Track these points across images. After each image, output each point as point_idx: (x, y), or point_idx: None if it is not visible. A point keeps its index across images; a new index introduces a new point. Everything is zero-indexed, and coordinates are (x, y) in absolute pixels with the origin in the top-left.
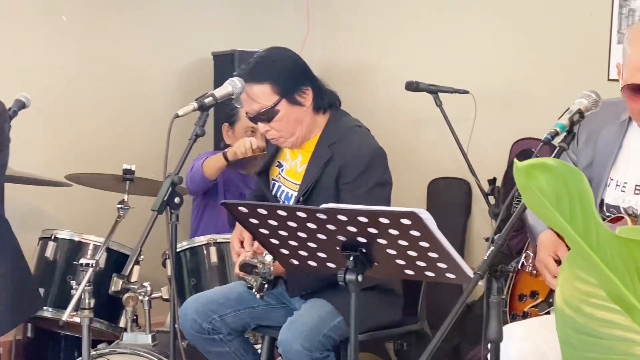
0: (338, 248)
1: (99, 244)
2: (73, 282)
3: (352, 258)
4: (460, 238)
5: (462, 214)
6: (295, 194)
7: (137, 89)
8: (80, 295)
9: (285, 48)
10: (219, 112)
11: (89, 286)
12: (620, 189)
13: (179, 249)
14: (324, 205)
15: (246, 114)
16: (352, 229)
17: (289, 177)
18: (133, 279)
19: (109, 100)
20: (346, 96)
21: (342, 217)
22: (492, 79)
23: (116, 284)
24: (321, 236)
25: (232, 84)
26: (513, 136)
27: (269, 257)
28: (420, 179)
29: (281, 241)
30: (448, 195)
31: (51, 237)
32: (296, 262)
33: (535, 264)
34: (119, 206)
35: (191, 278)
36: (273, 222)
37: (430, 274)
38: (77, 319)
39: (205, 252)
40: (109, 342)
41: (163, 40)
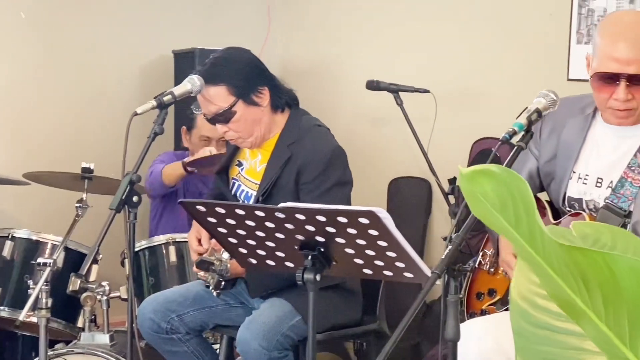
0: (296, 247)
1: (57, 243)
2: (30, 282)
3: (310, 257)
4: (420, 237)
5: (422, 213)
6: (255, 193)
7: (97, 86)
8: (38, 294)
9: (241, 48)
10: (180, 110)
11: (46, 286)
12: (582, 181)
13: (137, 248)
14: (282, 204)
15: (204, 115)
16: (311, 228)
17: (249, 176)
18: (91, 278)
19: (68, 98)
20: (307, 95)
21: (301, 216)
22: (453, 78)
23: (74, 284)
24: (279, 235)
25: (191, 82)
26: (473, 135)
27: (226, 255)
28: (381, 178)
29: (239, 240)
30: (408, 195)
31: (8, 236)
32: (254, 262)
33: (500, 264)
34: (78, 205)
35: (150, 277)
36: (231, 221)
37: (388, 273)
38: (34, 319)
39: (164, 251)
40: (67, 342)
41: (123, 37)
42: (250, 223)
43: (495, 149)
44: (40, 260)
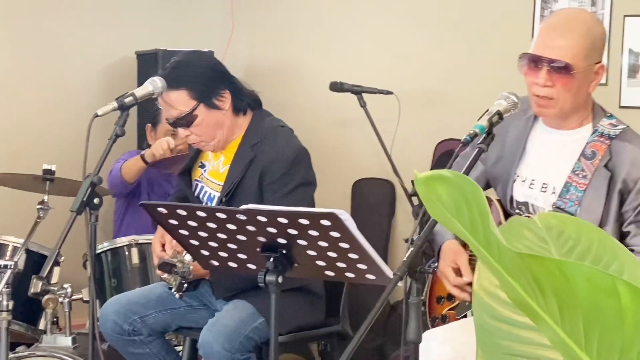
0: (258, 249)
1: (18, 245)
2: None
3: (272, 259)
4: (384, 239)
5: (386, 214)
6: (218, 194)
7: (59, 87)
8: None
9: (202, 52)
10: (142, 111)
11: (7, 288)
12: (528, 185)
13: (100, 250)
14: (243, 206)
15: (166, 119)
16: (272, 230)
17: (212, 177)
18: (53, 280)
19: (30, 99)
20: (271, 96)
21: (262, 218)
22: (416, 79)
23: (35, 286)
24: (241, 237)
25: (153, 83)
26: (437, 137)
27: (188, 257)
28: (345, 179)
29: (201, 242)
30: (372, 196)
31: None
32: (216, 263)
33: (438, 274)
34: (39, 207)
35: (112, 279)
36: (193, 223)
37: (350, 275)
38: None
39: (126, 253)
40: (28, 345)
41: (86, 38)
42: (212, 225)
43: (456, 151)
44: (1, 262)
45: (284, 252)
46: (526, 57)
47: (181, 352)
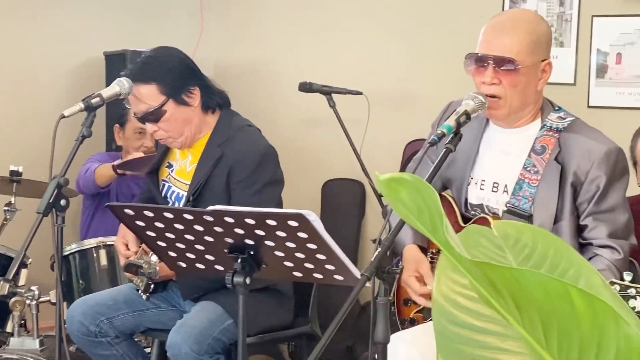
0: (226, 250)
1: None
2: None
3: (239, 260)
4: (354, 239)
5: (356, 215)
6: (185, 193)
7: (26, 88)
8: None
9: (173, 48)
10: (111, 112)
11: None
12: (480, 187)
13: (67, 252)
14: (211, 207)
15: (134, 114)
16: (240, 231)
17: (179, 177)
18: (21, 282)
19: None
20: (240, 96)
21: (229, 219)
22: (385, 80)
23: (2, 288)
24: (209, 238)
25: (120, 84)
26: (406, 137)
27: (155, 258)
28: (314, 180)
29: (168, 244)
30: (342, 197)
31: None
32: (184, 265)
33: (401, 283)
34: (6, 208)
35: (80, 281)
36: (160, 225)
37: (318, 275)
38: None
39: (94, 254)
40: None
41: (54, 38)
42: (179, 226)
43: (423, 151)
44: None
45: (251, 253)
46: (471, 57)
47: (150, 353)
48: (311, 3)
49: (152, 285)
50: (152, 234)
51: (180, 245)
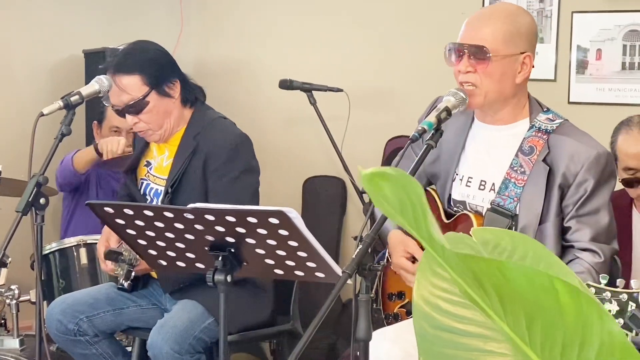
0: (206, 248)
1: None
2: None
3: (220, 258)
4: (335, 236)
5: (337, 212)
6: (163, 188)
7: (5, 86)
8: None
9: (151, 41)
10: (91, 110)
11: None
12: (465, 183)
13: (47, 251)
14: (191, 205)
15: (113, 106)
16: (221, 229)
17: (157, 173)
18: (0, 281)
19: None
20: (220, 94)
21: (210, 217)
22: (366, 77)
23: None
24: (189, 236)
25: (99, 82)
26: (387, 134)
27: None
28: (295, 177)
29: (149, 242)
30: (323, 194)
31: None
32: (164, 263)
33: (393, 268)
34: None
35: (60, 280)
36: (140, 223)
37: (300, 273)
38: None
39: (75, 253)
40: None
41: (33, 36)
42: (160, 224)
43: (404, 148)
44: None
45: (232, 250)
46: (449, 47)
47: (131, 352)
48: (291, 0)
49: (133, 273)
50: (132, 232)
51: (161, 244)
